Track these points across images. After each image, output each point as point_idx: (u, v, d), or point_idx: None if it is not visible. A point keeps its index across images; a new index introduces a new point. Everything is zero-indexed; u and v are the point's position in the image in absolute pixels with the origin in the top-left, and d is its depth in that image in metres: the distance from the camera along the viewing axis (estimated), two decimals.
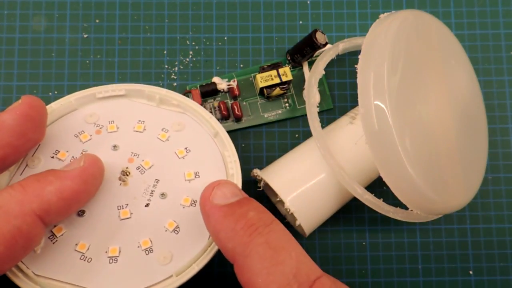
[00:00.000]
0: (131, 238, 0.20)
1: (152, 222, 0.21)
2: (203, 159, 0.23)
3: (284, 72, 0.29)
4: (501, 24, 0.32)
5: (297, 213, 0.25)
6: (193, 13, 0.31)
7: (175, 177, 0.22)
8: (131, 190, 0.21)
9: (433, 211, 0.24)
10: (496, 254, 0.29)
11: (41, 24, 0.31)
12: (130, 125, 0.23)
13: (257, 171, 0.27)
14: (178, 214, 0.21)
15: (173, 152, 0.23)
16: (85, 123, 0.23)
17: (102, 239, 0.20)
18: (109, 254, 0.20)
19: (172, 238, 0.20)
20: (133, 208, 0.21)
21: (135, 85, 0.24)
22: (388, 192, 0.24)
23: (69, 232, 0.20)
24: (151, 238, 0.20)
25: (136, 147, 0.23)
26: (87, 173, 0.19)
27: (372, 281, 0.29)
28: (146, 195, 0.21)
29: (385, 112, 0.22)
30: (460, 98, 0.26)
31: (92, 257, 0.20)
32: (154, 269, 0.20)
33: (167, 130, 0.23)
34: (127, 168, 0.22)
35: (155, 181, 0.22)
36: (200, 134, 0.24)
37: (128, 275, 0.20)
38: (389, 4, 0.32)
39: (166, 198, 0.21)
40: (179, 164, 0.22)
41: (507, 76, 0.31)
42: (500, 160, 0.30)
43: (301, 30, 0.31)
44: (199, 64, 0.31)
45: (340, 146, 0.25)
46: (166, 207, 0.21)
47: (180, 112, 0.24)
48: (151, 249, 0.20)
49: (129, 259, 0.20)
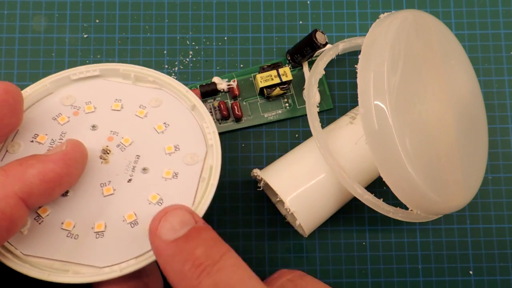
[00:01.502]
0: (116, 213, 0.21)
1: (136, 196, 0.21)
2: (182, 132, 0.23)
3: (284, 72, 0.29)
4: (501, 24, 0.32)
5: (297, 213, 0.25)
6: (193, 13, 0.31)
7: (156, 151, 0.22)
8: (112, 168, 0.22)
9: (433, 211, 0.24)
10: (496, 254, 0.29)
11: (41, 24, 0.31)
12: (107, 104, 0.24)
13: (257, 171, 0.27)
14: (160, 187, 0.21)
15: (152, 128, 0.23)
16: (62, 105, 0.23)
17: (87, 216, 0.21)
18: (95, 230, 0.20)
19: (156, 210, 0.20)
20: (116, 185, 0.21)
21: (109, 64, 0.25)
22: (388, 192, 0.24)
23: (54, 212, 0.21)
24: (135, 212, 0.21)
25: (115, 126, 0.23)
26: (69, 157, 0.19)
27: (372, 281, 0.29)
28: (128, 171, 0.22)
29: (385, 112, 0.22)
30: (460, 98, 0.26)
31: (79, 233, 0.20)
32: (140, 240, 0.20)
33: (145, 107, 0.24)
34: (107, 146, 0.22)
35: (136, 157, 0.22)
36: (178, 108, 0.24)
37: (115, 248, 0.20)
38: (389, 4, 0.32)
39: (148, 172, 0.22)
40: (158, 138, 0.23)
41: (507, 76, 0.31)
42: (500, 160, 0.30)
43: (301, 30, 0.31)
44: (199, 64, 0.31)
45: (340, 146, 0.25)
46: (149, 181, 0.21)
47: (157, 88, 0.24)
48: (136, 222, 0.20)
49: (115, 233, 0.20)
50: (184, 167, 0.22)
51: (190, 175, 0.22)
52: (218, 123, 0.29)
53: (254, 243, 0.29)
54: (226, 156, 0.30)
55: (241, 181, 0.29)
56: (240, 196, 0.29)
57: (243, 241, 0.29)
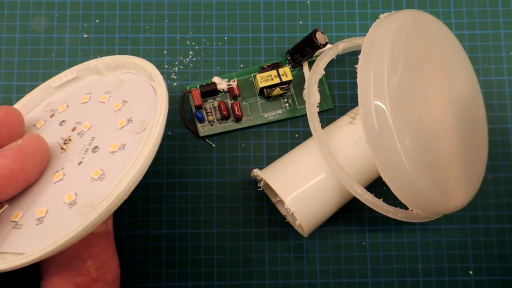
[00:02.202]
0: (59, 197, 0.20)
1: (81, 176, 0.20)
2: (138, 106, 0.22)
3: (284, 72, 0.29)
4: (501, 24, 0.32)
5: (297, 213, 0.25)
6: (193, 13, 0.31)
7: (109, 129, 0.22)
8: (68, 155, 0.21)
9: (433, 211, 0.24)
10: (496, 254, 0.29)
11: (41, 24, 0.31)
12: (78, 100, 0.24)
13: (257, 171, 0.27)
14: (106, 162, 0.20)
15: (111, 109, 0.23)
16: (44, 112, 0.24)
17: (33, 205, 0.20)
18: (37, 217, 0.20)
19: (97, 186, 0.19)
20: (66, 169, 0.21)
21: (82, 64, 0.25)
22: (388, 192, 0.24)
23: (10, 207, 0.20)
24: (76, 192, 0.20)
25: (80, 117, 0.23)
26: (24, 151, 0.19)
27: (372, 281, 0.29)
28: (81, 154, 0.21)
29: (385, 112, 0.22)
30: (460, 98, 0.26)
31: (23, 223, 0.20)
32: (74, 220, 0.19)
33: (110, 92, 0.24)
34: (68, 136, 0.22)
35: (91, 139, 0.22)
36: (139, 83, 0.23)
37: (51, 232, 0.19)
38: (389, 4, 0.32)
39: (98, 151, 0.21)
40: (114, 117, 0.22)
41: (507, 76, 0.31)
42: (500, 160, 0.30)
43: (301, 30, 0.31)
44: (199, 64, 0.31)
45: (340, 146, 0.25)
46: (97, 159, 0.21)
47: (124, 72, 0.24)
48: (75, 202, 0.19)
49: (53, 217, 0.19)
50: (133, 137, 0.21)
51: (137, 142, 0.20)
52: (218, 123, 0.29)
53: (254, 243, 0.29)
54: (226, 156, 0.30)
55: (241, 181, 0.29)
56: (240, 196, 0.29)
57: (243, 241, 0.29)
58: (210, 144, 0.30)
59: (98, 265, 0.20)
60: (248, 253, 0.29)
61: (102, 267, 0.20)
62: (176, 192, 0.29)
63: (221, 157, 0.30)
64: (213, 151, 0.30)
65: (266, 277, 0.28)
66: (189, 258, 0.28)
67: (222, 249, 0.29)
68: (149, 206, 0.29)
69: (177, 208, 0.29)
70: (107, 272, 0.20)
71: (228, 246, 0.29)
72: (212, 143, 0.30)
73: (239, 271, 0.28)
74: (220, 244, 0.29)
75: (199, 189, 0.29)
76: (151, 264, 0.28)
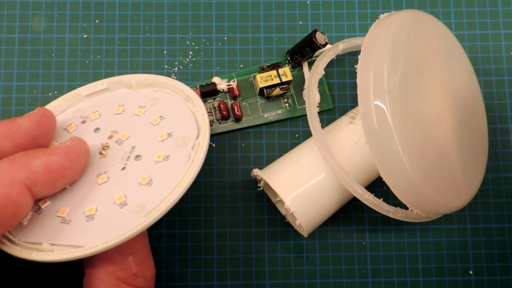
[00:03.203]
0: (108, 198, 0.21)
1: (128, 181, 0.22)
2: (176, 122, 0.24)
3: (284, 72, 0.29)
4: (501, 24, 0.32)
5: (297, 213, 0.25)
6: (193, 13, 0.31)
7: (150, 141, 0.23)
8: (109, 160, 0.23)
9: (433, 211, 0.24)
10: (496, 254, 0.29)
11: (40, 24, 0.31)
12: (111, 110, 0.25)
13: (257, 171, 0.27)
14: (151, 169, 0.22)
15: (148, 122, 0.24)
16: (73, 117, 0.26)
17: (80, 203, 0.21)
18: (86, 214, 0.21)
19: (146, 190, 0.21)
20: (110, 173, 0.22)
21: (114, 77, 0.27)
22: (388, 192, 0.24)
23: (52, 203, 0.22)
24: (125, 194, 0.21)
25: (116, 126, 0.24)
26: (72, 151, 0.21)
27: (372, 281, 0.29)
28: (123, 161, 0.23)
29: (385, 112, 0.22)
30: (460, 98, 0.26)
31: (72, 219, 0.21)
32: (127, 219, 0.21)
33: (144, 107, 0.25)
34: (106, 143, 0.24)
35: (132, 148, 0.23)
36: (174, 102, 0.25)
37: (103, 228, 0.20)
38: (389, 4, 0.32)
39: (141, 159, 0.22)
40: (153, 130, 0.24)
41: (507, 76, 0.31)
42: (500, 160, 0.30)
43: (301, 30, 0.31)
44: (199, 64, 0.31)
45: (340, 146, 0.25)
46: (141, 166, 0.22)
47: (157, 90, 0.26)
48: (125, 203, 0.21)
49: (104, 215, 0.21)
50: (175, 150, 0.22)
51: (181, 155, 0.22)
52: (218, 123, 0.29)
53: (254, 243, 0.29)
54: (226, 156, 0.30)
55: (241, 181, 0.29)
56: (240, 196, 0.29)
57: (243, 241, 0.29)
58: (210, 144, 0.30)
59: (137, 261, 0.21)
60: (248, 253, 0.29)
61: (141, 263, 0.22)
62: None
63: (221, 157, 0.30)
64: (213, 151, 0.30)
65: (266, 277, 0.28)
66: (189, 258, 0.28)
67: (222, 249, 0.29)
68: None
69: (177, 208, 0.29)
70: (146, 268, 0.22)
71: (228, 246, 0.29)
72: (212, 143, 0.30)
73: (239, 271, 0.28)
74: (220, 244, 0.29)
75: (199, 189, 0.29)
76: None
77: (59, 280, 0.28)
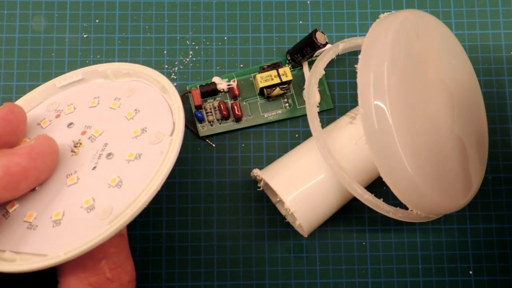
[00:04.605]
0: (76, 201, 0.20)
1: (97, 182, 0.21)
2: (151, 116, 0.23)
3: (284, 72, 0.29)
4: (501, 24, 0.32)
5: (297, 213, 0.25)
6: (193, 13, 0.31)
7: (123, 137, 0.22)
8: (80, 159, 0.22)
9: (433, 211, 0.24)
10: (496, 254, 0.29)
11: (41, 24, 0.31)
12: (86, 103, 0.24)
13: (257, 171, 0.27)
14: (122, 170, 0.21)
15: (123, 116, 0.23)
16: (47, 111, 0.25)
17: (48, 206, 0.21)
18: (53, 219, 0.20)
19: (115, 193, 0.20)
20: (80, 173, 0.21)
21: (90, 67, 0.25)
22: (388, 192, 0.24)
23: (20, 206, 0.21)
24: (93, 197, 0.20)
25: (90, 120, 0.23)
26: (36, 151, 0.20)
27: (372, 281, 0.29)
28: (94, 159, 0.22)
29: (385, 112, 0.22)
30: (460, 98, 0.26)
31: (38, 224, 0.20)
32: (93, 225, 0.20)
33: (119, 99, 0.24)
34: (79, 140, 0.23)
35: (104, 145, 0.22)
36: (150, 93, 0.24)
37: (69, 235, 0.20)
38: (389, 4, 0.32)
39: (112, 157, 0.21)
40: (127, 125, 0.23)
41: (507, 76, 0.31)
42: (500, 160, 0.30)
43: (301, 30, 0.31)
44: (199, 64, 0.31)
45: (340, 146, 0.25)
46: (112, 166, 0.21)
47: (134, 80, 0.25)
48: (93, 207, 0.20)
49: (71, 220, 0.20)
50: (148, 147, 0.21)
51: (154, 153, 0.21)
52: (218, 123, 0.29)
53: (254, 243, 0.29)
54: (226, 156, 0.30)
55: (241, 181, 0.29)
56: (240, 196, 0.29)
57: (243, 241, 0.29)
58: (210, 144, 0.30)
59: (112, 265, 0.20)
60: (248, 253, 0.29)
61: (116, 267, 0.20)
62: (176, 192, 0.29)
63: (221, 157, 0.30)
64: (213, 151, 0.30)
65: (266, 277, 0.28)
66: (189, 258, 0.28)
67: (222, 249, 0.29)
68: (149, 206, 0.29)
69: (177, 208, 0.29)
70: (122, 273, 0.21)
71: (228, 246, 0.29)
72: (212, 143, 0.30)
73: (239, 271, 0.28)
74: (220, 244, 0.29)
75: (199, 189, 0.29)
76: (151, 264, 0.28)
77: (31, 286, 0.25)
